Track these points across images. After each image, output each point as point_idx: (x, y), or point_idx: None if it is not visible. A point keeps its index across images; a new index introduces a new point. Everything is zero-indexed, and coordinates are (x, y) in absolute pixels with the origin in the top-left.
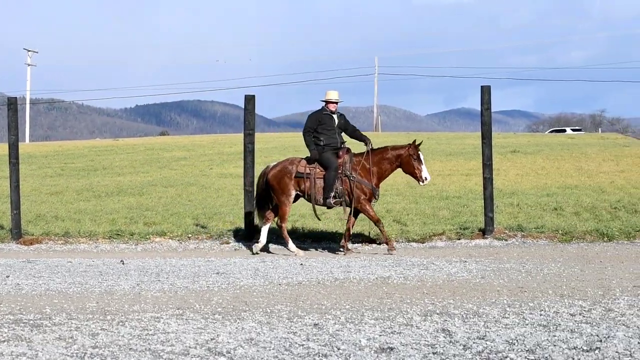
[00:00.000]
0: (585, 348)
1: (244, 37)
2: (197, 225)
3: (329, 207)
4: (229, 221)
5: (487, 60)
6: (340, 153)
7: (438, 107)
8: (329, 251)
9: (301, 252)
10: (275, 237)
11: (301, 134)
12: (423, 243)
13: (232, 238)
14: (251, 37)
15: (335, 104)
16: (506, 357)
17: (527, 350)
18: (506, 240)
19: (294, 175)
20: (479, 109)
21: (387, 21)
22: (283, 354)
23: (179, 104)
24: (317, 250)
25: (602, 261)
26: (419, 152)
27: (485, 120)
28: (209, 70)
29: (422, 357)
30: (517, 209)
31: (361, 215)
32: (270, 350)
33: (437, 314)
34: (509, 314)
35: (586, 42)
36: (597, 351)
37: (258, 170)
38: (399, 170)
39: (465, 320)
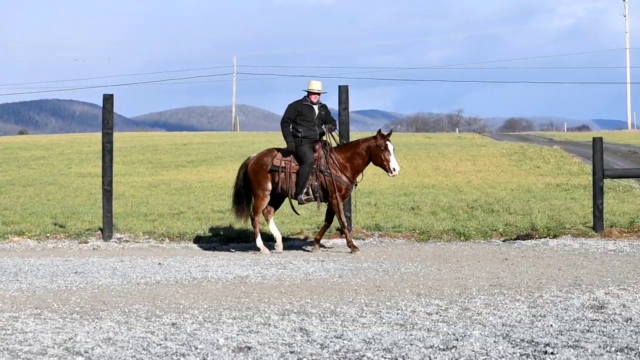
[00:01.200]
0: (441, 347)
1: (102, 36)
2: (55, 224)
3: (299, 203)
4: (88, 220)
5: (347, 60)
6: (317, 147)
7: None
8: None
9: (267, 250)
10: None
11: (160, 133)
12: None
13: (91, 237)
14: (109, 36)
15: (317, 95)
16: (363, 356)
17: (384, 349)
18: (364, 239)
19: (269, 168)
20: (337, 109)
21: (246, 21)
22: (141, 354)
23: (38, 103)
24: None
25: (459, 260)
26: (387, 142)
27: (343, 120)
28: (68, 69)
29: (279, 356)
30: (375, 209)
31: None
32: (128, 349)
33: (295, 313)
34: (366, 313)
35: (445, 42)
36: (453, 350)
37: (117, 170)
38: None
39: (323, 320)
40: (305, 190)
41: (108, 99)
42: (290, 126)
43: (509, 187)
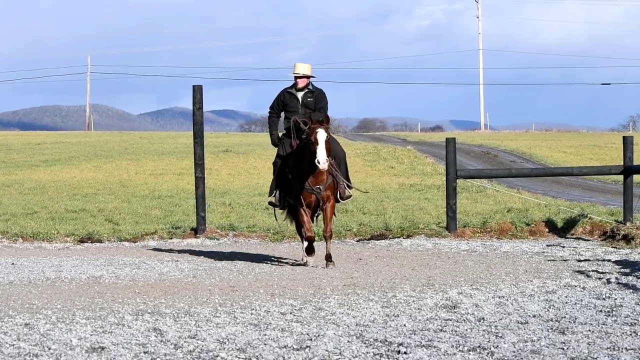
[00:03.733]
0: (295, 347)
1: None
2: None
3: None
4: None
5: (202, 60)
6: (293, 142)
7: (151, 106)
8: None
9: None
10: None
11: (14, 132)
12: (135, 242)
13: None
14: None
15: (303, 80)
16: (217, 356)
17: (238, 349)
18: (218, 239)
19: None
20: (192, 109)
21: (101, 18)
22: None
23: None
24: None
25: None
26: (317, 131)
27: (197, 120)
28: None
29: (133, 356)
30: (230, 209)
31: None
32: None
33: (149, 313)
34: (220, 313)
35: (301, 42)
36: (307, 350)
37: None
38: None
39: (177, 320)
40: (273, 193)
41: None
42: (278, 116)
43: (363, 187)
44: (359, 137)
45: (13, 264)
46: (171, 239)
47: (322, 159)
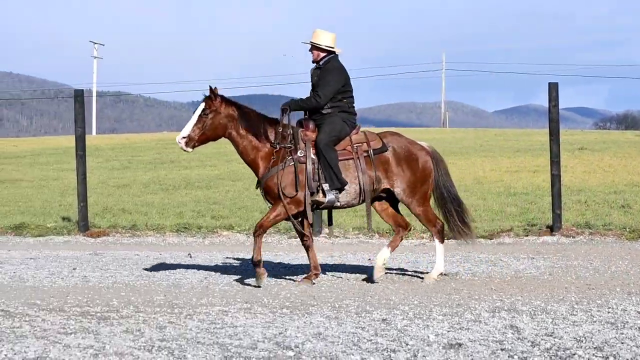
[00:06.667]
0: None
1: (310, 31)
2: None
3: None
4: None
5: (558, 57)
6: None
7: (505, 103)
8: None
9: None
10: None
11: (369, 129)
12: (491, 239)
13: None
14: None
15: (316, 52)
16: (574, 354)
17: (595, 348)
18: (574, 237)
19: None
20: (547, 106)
21: (456, 17)
22: (351, 349)
23: (247, 98)
24: None
25: None
26: (202, 103)
27: (553, 117)
28: (276, 63)
29: (490, 353)
30: (585, 206)
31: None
32: (338, 345)
33: (505, 310)
34: (576, 311)
35: None
36: None
37: None
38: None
39: (534, 317)
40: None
41: None
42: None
43: None
44: None
45: (369, 259)
46: (526, 236)
47: (181, 134)
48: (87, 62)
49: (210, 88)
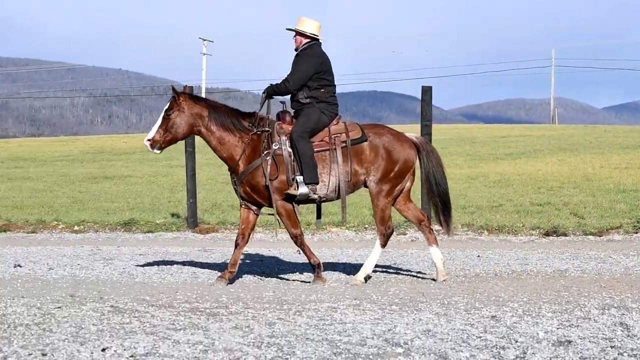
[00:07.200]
0: None
1: (421, 28)
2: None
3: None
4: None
5: None
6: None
7: (615, 99)
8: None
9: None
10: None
11: (478, 125)
12: (600, 236)
13: (409, 229)
14: (428, 28)
15: (297, 38)
16: None
17: None
18: None
19: None
20: None
21: (565, 12)
22: (460, 346)
23: (355, 95)
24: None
25: None
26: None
27: None
28: (387, 60)
29: (599, 350)
30: None
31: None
32: (447, 341)
33: (615, 307)
34: None
35: None
36: None
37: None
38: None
39: None
40: None
41: (427, 91)
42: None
43: None
44: None
45: (479, 256)
46: (636, 233)
47: (147, 136)
48: (196, 59)
49: (173, 88)
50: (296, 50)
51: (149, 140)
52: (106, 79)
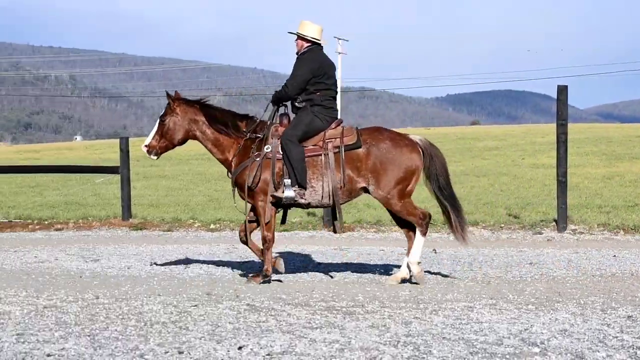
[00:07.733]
0: None
1: (557, 27)
2: (509, 215)
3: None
4: (541, 211)
5: None
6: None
7: None
8: None
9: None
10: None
11: (614, 125)
12: None
13: (545, 229)
14: (562, 27)
15: (298, 41)
16: None
17: None
18: None
19: None
20: None
21: None
22: (597, 346)
23: (490, 94)
24: None
25: None
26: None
27: None
28: (521, 59)
29: None
30: None
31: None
32: (584, 341)
33: None
34: None
35: None
36: None
37: (571, 161)
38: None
39: None
40: None
41: (562, 90)
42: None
43: None
44: None
45: (615, 256)
46: None
47: (145, 143)
48: (331, 58)
49: (167, 93)
50: (297, 54)
51: (146, 146)
52: (241, 78)
